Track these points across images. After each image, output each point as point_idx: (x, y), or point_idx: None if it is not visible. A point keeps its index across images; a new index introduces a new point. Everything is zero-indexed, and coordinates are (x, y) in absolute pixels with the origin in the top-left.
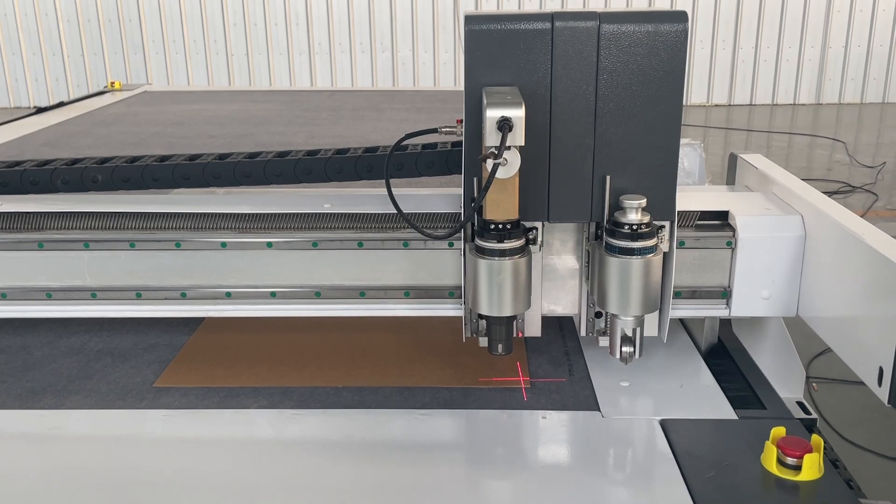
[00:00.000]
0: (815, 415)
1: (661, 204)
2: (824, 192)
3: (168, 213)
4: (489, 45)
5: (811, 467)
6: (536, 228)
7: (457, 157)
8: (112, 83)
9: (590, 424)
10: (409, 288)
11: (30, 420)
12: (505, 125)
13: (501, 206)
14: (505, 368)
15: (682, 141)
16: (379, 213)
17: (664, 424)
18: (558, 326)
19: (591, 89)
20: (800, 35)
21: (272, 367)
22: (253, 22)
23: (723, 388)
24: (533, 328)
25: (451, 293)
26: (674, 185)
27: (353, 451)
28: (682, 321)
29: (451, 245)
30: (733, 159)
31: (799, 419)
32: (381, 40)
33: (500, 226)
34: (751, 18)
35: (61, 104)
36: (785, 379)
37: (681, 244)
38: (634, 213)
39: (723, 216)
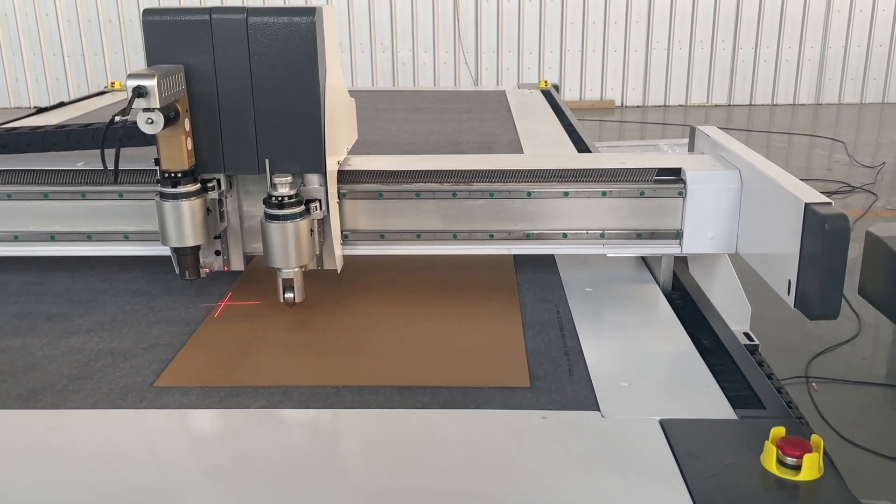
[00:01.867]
0: (805, 408)
1: (312, 160)
2: (823, 192)
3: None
4: (163, 34)
5: (811, 467)
6: (219, 179)
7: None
8: (112, 83)
9: (589, 424)
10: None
11: (30, 420)
12: (136, 91)
13: (173, 158)
14: (503, 370)
15: (682, 141)
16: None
17: (664, 424)
18: (558, 326)
19: (247, 69)
20: (799, 35)
21: (272, 367)
22: None
23: (723, 388)
24: (237, 264)
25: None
26: (320, 145)
27: (353, 450)
28: (645, 261)
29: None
30: (692, 131)
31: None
32: (381, 40)
33: (174, 174)
34: (750, 19)
35: (62, 104)
36: (733, 313)
37: (641, 194)
38: (283, 187)
39: (676, 172)
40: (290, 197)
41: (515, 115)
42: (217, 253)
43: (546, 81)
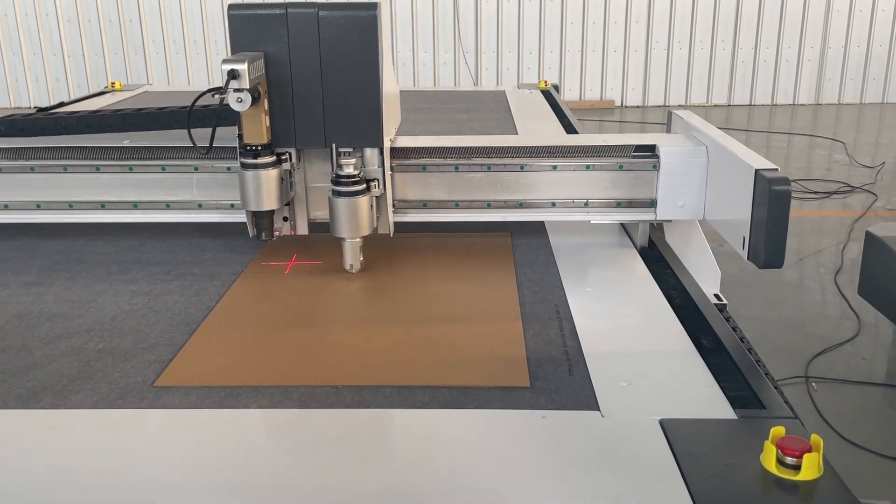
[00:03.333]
0: (805, 408)
1: (371, 135)
2: (823, 192)
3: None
4: (245, 26)
5: (811, 467)
6: (290, 153)
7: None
8: (112, 83)
9: (590, 424)
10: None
11: (30, 420)
12: (231, 73)
13: (254, 133)
14: (503, 370)
15: None
16: None
17: (664, 424)
18: (558, 326)
19: (317, 56)
20: (799, 35)
21: (272, 367)
22: None
23: (722, 388)
24: (302, 229)
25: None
26: (378, 122)
27: (353, 451)
28: (623, 226)
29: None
30: (669, 115)
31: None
32: None
33: (255, 147)
34: (750, 19)
35: (62, 104)
36: (705, 276)
37: (620, 167)
38: (348, 168)
39: (651, 148)
40: (354, 176)
41: (515, 115)
42: (284, 219)
43: (546, 81)
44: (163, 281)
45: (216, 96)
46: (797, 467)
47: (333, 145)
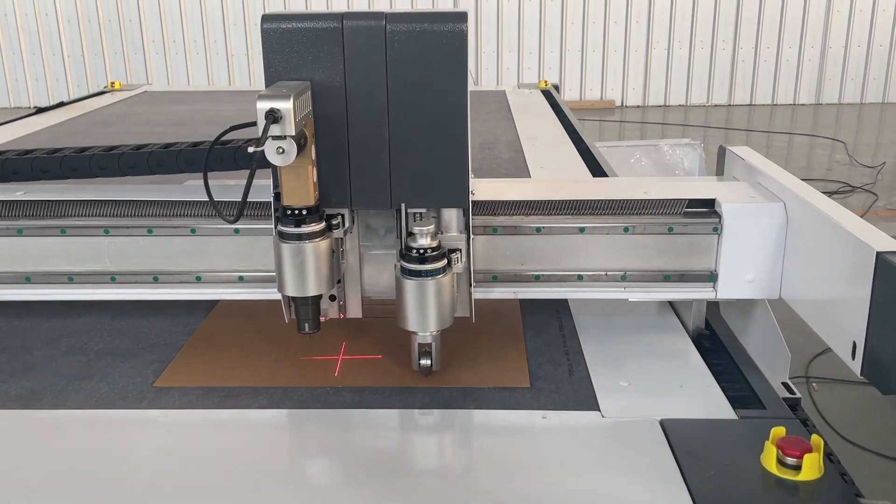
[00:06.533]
0: (805, 408)
1: (454, 192)
2: (824, 192)
3: (183, 202)
4: (285, 43)
5: (811, 467)
6: (343, 215)
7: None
8: (112, 83)
9: (590, 424)
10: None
11: (30, 420)
12: (270, 115)
13: (297, 192)
14: (503, 370)
15: (682, 141)
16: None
17: (664, 424)
18: (558, 326)
19: (382, 84)
20: (800, 35)
21: (272, 367)
22: (253, 22)
23: (723, 388)
24: (354, 311)
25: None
26: (464, 174)
27: (353, 451)
28: (671, 304)
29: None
30: (722, 152)
31: (798, 419)
32: None
33: (298, 211)
34: (751, 19)
35: (61, 104)
36: (772, 362)
37: (669, 230)
38: (424, 238)
39: (710, 204)
40: (432, 249)
41: (515, 115)
42: (332, 298)
43: (546, 81)
44: None
45: (253, 149)
46: (797, 468)
47: (403, 206)
